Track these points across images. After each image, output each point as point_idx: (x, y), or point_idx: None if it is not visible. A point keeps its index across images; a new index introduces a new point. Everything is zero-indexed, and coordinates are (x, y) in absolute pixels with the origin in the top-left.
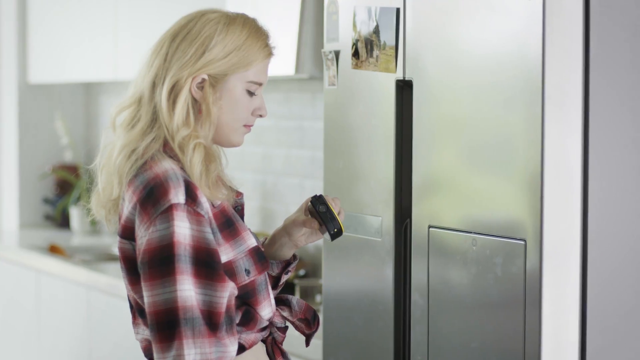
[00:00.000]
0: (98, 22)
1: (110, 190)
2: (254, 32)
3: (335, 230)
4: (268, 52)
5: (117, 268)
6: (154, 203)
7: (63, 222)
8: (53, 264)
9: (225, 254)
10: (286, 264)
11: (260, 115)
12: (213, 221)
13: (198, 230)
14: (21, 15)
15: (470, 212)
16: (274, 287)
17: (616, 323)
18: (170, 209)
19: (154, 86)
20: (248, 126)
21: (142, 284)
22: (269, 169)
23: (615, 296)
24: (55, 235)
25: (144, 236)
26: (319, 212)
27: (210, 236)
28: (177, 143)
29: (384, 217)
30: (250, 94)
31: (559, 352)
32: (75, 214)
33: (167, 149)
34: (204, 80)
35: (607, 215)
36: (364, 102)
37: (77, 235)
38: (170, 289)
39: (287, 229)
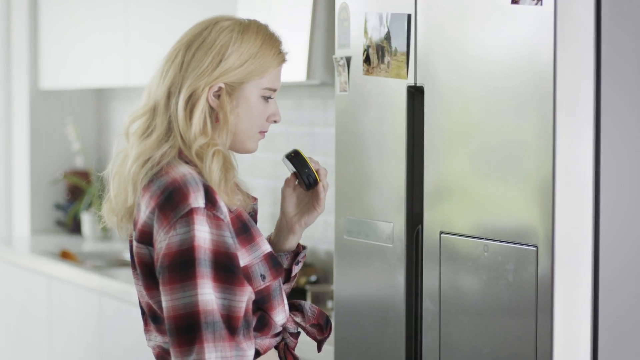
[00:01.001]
0: (109, 28)
1: (124, 198)
2: (267, 39)
3: (308, 175)
4: (282, 58)
5: (128, 274)
6: (174, 207)
7: (74, 227)
8: (65, 270)
9: (242, 258)
10: (295, 254)
11: (275, 121)
12: (230, 226)
13: (218, 235)
14: (33, 21)
15: (482, 218)
16: (286, 281)
17: (628, 328)
18: (191, 213)
19: (169, 96)
20: (263, 132)
21: (161, 288)
22: (280, 175)
23: (627, 302)
24: (67, 241)
25: (164, 240)
26: (289, 158)
27: (230, 240)
28: (195, 151)
29: (395, 223)
30: (266, 99)
31: (570, 358)
32: (86, 220)
33: (182, 155)
34: (220, 88)
35: (619, 221)
36: (375, 108)
37: (89, 241)
38: (191, 292)
39: (281, 208)
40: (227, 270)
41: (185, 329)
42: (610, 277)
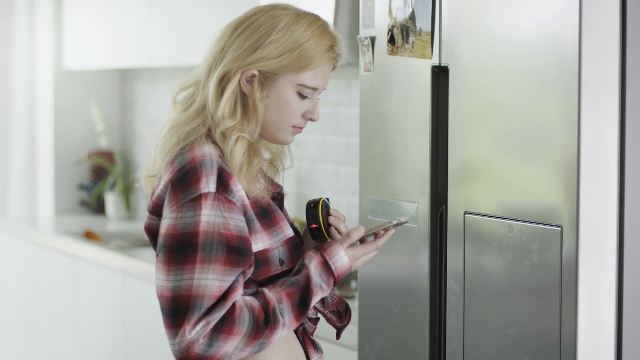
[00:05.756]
0: (133, 8)
1: (153, 165)
2: (317, 35)
3: (313, 230)
4: (330, 57)
5: (152, 254)
6: (184, 189)
7: (98, 208)
8: (88, 250)
9: (262, 241)
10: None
11: (311, 119)
12: (250, 209)
13: (230, 218)
14: (56, 1)
15: (506, 198)
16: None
17: None
18: (199, 198)
19: (208, 73)
20: (297, 127)
21: (157, 265)
22: (304, 155)
23: None
24: (91, 221)
25: (170, 218)
26: (307, 207)
27: (242, 223)
28: (220, 132)
29: (419, 204)
30: (302, 97)
31: (595, 338)
32: (110, 200)
33: (210, 133)
34: (254, 75)
35: None
36: (399, 88)
37: (113, 221)
38: (185, 277)
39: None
40: (238, 253)
41: (175, 311)
42: (635, 258)
